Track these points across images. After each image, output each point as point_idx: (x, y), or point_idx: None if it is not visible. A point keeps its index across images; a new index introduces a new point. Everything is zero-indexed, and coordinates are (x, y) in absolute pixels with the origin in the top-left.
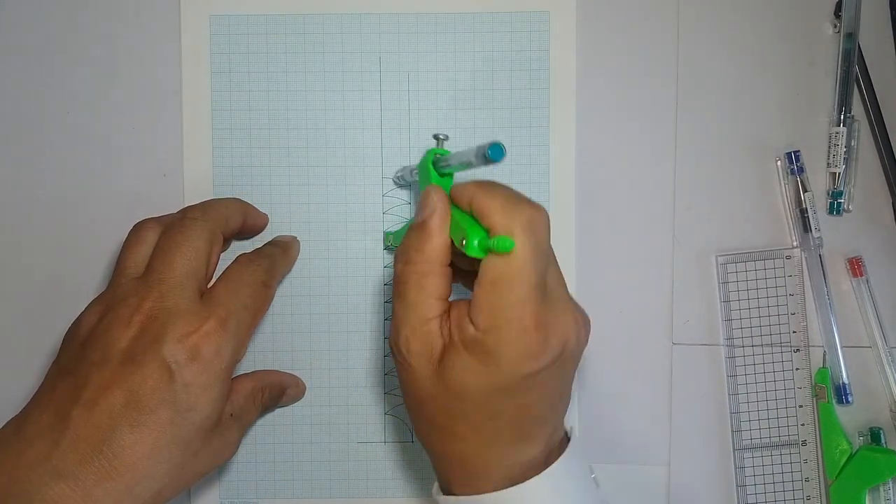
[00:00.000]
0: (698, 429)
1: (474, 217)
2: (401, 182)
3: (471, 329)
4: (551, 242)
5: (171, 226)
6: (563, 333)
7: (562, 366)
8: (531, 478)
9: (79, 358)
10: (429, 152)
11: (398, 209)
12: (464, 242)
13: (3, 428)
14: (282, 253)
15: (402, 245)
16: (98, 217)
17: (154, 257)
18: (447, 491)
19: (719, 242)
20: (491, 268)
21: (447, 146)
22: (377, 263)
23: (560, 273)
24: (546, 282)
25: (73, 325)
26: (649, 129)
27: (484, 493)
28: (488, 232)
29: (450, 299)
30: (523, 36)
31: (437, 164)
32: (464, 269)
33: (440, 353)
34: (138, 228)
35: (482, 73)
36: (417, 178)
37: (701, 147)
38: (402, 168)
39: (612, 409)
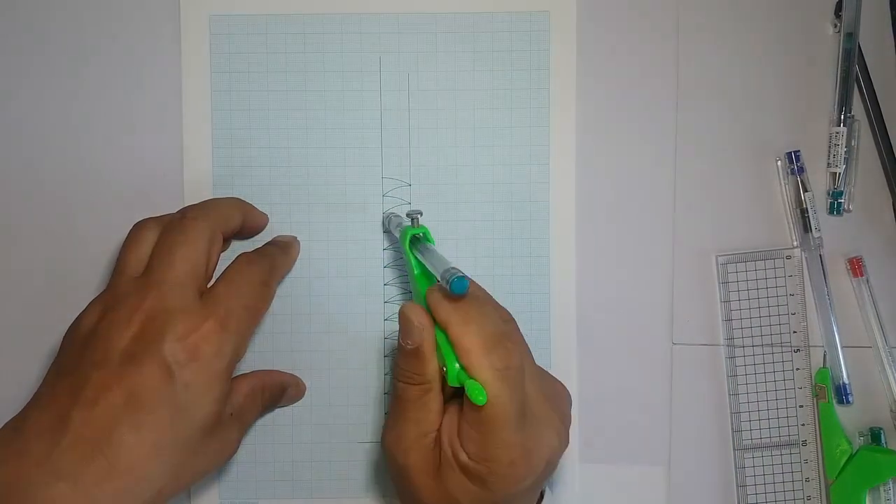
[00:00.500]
0: (698, 429)
1: (449, 342)
2: (386, 227)
3: (463, 455)
4: (551, 245)
5: (171, 225)
6: (547, 450)
7: (545, 474)
8: None
9: (79, 358)
10: (405, 231)
11: (398, 210)
12: (444, 370)
13: (3, 428)
14: (282, 253)
15: (398, 366)
16: (98, 217)
17: (154, 257)
18: None
19: (719, 242)
20: (472, 407)
21: (422, 221)
22: (377, 263)
23: (537, 380)
24: (525, 407)
25: (72, 325)
26: (649, 129)
27: None
28: (463, 368)
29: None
30: (523, 36)
31: (413, 246)
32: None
33: (437, 467)
34: (138, 228)
35: (482, 73)
36: (396, 235)
37: (701, 147)
38: (389, 212)
39: (611, 409)
